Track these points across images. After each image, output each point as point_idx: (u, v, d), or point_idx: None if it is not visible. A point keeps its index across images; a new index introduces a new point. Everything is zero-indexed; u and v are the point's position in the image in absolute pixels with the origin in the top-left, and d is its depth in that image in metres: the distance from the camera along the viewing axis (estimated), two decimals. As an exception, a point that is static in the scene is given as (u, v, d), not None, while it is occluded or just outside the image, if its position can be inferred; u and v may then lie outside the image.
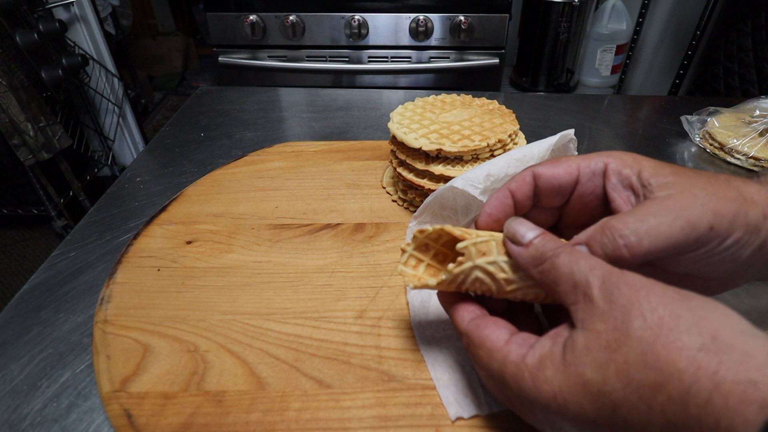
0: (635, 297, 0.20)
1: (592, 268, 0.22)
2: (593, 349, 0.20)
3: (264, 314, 0.36)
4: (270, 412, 0.29)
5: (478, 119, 0.46)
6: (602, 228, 0.24)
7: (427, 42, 1.28)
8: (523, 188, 0.29)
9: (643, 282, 0.20)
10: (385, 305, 0.36)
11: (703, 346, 0.17)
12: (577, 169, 0.28)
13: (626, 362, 0.19)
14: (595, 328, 0.20)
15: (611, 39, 1.40)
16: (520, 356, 0.22)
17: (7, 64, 1.22)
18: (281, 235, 0.44)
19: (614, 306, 0.20)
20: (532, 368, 0.21)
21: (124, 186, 0.53)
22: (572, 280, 0.22)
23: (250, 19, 1.25)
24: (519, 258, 0.25)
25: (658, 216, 0.23)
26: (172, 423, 0.29)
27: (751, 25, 0.96)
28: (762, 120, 0.57)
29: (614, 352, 0.19)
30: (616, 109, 0.71)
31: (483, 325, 0.25)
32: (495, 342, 0.24)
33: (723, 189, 0.24)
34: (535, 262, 0.24)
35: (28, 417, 0.30)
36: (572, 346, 0.21)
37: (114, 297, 0.37)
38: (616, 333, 0.19)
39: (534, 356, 0.22)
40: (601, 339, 0.20)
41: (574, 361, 0.20)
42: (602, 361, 0.19)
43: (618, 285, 0.20)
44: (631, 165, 0.26)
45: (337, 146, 0.58)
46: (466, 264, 0.25)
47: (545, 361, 0.21)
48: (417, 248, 0.30)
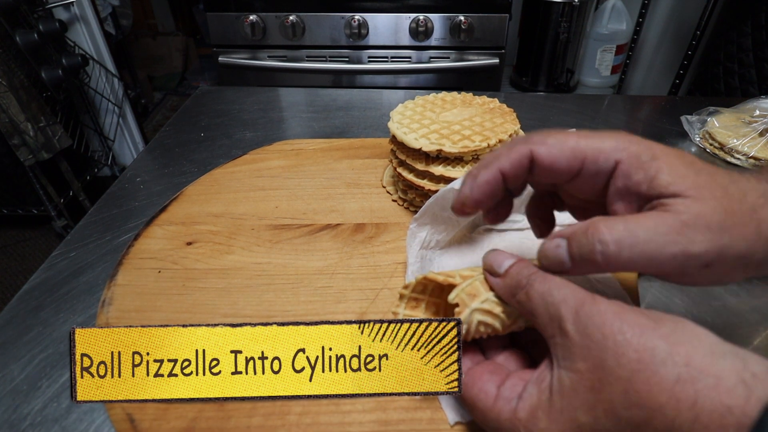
0: (607, 330, 0.20)
1: (564, 299, 0.21)
2: (580, 391, 0.20)
3: (264, 317, 0.36)
4: (271, 416, 0.29)
5: (478, 118, 0.46)
6: (587, 227, 0.22)
7: (427, 42, 1.28)
8: (517, 171, 0.25)
9: (613, 310, 0.20)
10: (385, 307, 0.36)
11: (679, 377, 0.18)
12: (582, 161, 0.24)
13: (611, 401, 0.19)
14: (577, 368, 0.20)
15: (611, 39, 1.40)
16: (511, 411, 0.22)
17: (7, 64, 1.22)
18: (281, 236, 0.44)
19: (590, 341, 0.20)
20: (525, 423, 0.21)
21: (124, 186, 0.53)
22: (548, 312, 0.22)
23: (250, 19, 1.25)
24: (498, 289, 0.25)
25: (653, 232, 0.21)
26: (174, 427, 0.29)
27: (751, 25, 0.96)
28: (762, 120, 0.57)
29: (599, 393, 0.19)
30: (616, 109, 0.71)
31: (470, 385, 0.24)
32: (485, 402, 0.23)
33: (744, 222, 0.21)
34: (511, 291, 0.24)
35: (28, 417, 0.30)
36: (559, 390, 0.21)
37: (115, 299, 0.37)
38: (597, 372, 0.19)
39: (524, 409, 0.22)
40: (585, 380, 0.20)
41: (565, 406, 0.20)
42: (590, 402, 0.20)
43: (590, 316, 0.20)
44: (645, 168, 0.22)
45: (337, 144, 0.58)
46: (464, 312, 0.24)
47: (536, 412, 0.21)
48: (407, 306, 0.28)
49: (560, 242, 0.23)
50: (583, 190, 0.25)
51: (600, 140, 0.24)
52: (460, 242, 0.41)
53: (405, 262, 0.40)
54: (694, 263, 0.21)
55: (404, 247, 0.42)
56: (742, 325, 0.36)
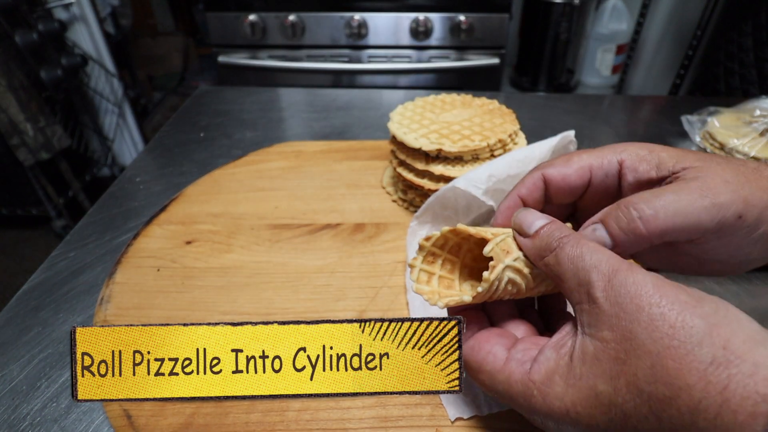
0: (644, 301, 0.19)
1: (596, 264, 0.20)
2: (603, 360, 0.19)
3: (264, 314, 0.36)
4: (270, 412, 0.29)
5: (478, 119, 0.46)
6: (618, 204, 0.23)
7: (427, 42, 1.28)
8: (534, 194, 0.27)
9: (653, 282, 0.19)
10: (385, 305, 0.36)
11: (714, 359, 0.17)
12: (589, 171, 0.26)
13: (635, 375, 0.18)
14: (603, 337, 0.19)
15: (611, 39, 1.40)
16: (525, 373, 0.22)
17: (6, 64, 1.22)
18: (281, 235, 0.44)
19: (621, 311, 0.19)
20: (540, 385, 0.21)
21: (124, 186, 0.53)
22: (576, 278, 0.21)
23: (250, 18, 1.25)
24: (526, 250, 0.24)
25: (680, 193, 0.22)
26: (171, 423, 0.29)
27: (752, 24, 0.96)
28: (762, 120, 0.57)
29: (624, 364, 0.19)
30: (616, 109, 0.71)
31: (477, 348, 0.24)
32: (494, 364, 0.23)
33: (755, 177, 0.23)
34: (540, 253, 0.23)
35: (27, 417, 0.30)
36: (581, 356, 0.20)
37: (114, 297, 0.37)
38: (625, 343, 0.19)
39: (540, 372, 0.21)
40: (610, 349, 0.19)
41: (585, 373, 0.20)
42: (612, 372, 0.19)
43: (625, 285, 0.19)
44: (648, 159, 0.25)
45: (336, 146, 0.58)
46: (498, 267, 0.24)
47: (553, 376, 0.21)
48: (425, 260, 0.28)
49: (595, 226, 0.24)
50: (599, 201, 0.27)
51: (599, 150, 0.26)
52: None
53: (405, 261, 0.40)
54: (726, 214, 0.22)
55: (404, 246, 0.42)
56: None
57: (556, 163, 0.27)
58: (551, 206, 0.29)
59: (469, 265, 0.28)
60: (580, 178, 0.26)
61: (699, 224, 0.22)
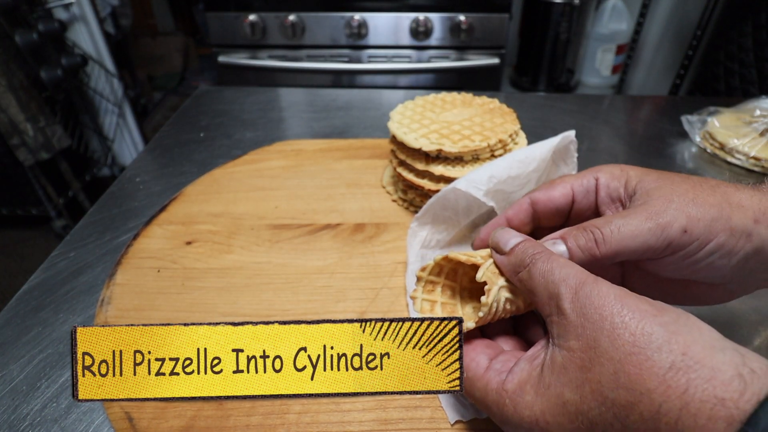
0: (607, 311, 0.20)
1: (565, 277, 0.22)
2: (570, 369, 0.20)
3: (264, 316, 0.36)
4: (270, 415, 0.29)
5: (478, 119, 0.46)
6: (578, 226, 0.26)
7: (427, 42, 1.28)
8: (520, 215, 0.30)
9: (616, 293, 0.20)
10: (385, 307, 0.36)
11: (673, 364, 0.18)
12: (571, 189, 0.29)
13: (600, 382, 0.19)
14: (570, 346, 0.20)
15: (611, 39, 1.40)
16: (500, 383, 0.22)
17: (6, 64, 1.21)
18: (281, 236, 0.43)
19: (586, 321, 0.20)
20: (512, 394, 0.22)
21: (124, 186, 0.53)
22: (547, 291, 0.22)
23: (250, 18, 1.25)
24: (502, 267, 0.25)
25: (628, 218, 0.24)
26: (173, 426, 0.29)
27: (752, 24, 0.96)
28: (762, 120, 0.57)
29: (589, 371, 0.19)
30: (616, 109, 0.71)
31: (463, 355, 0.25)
32: (475, 371, 0.24)
33: (705, 195, 0.25)
34: (515, 269, 0.24)
35: (27, 417, 0.30)
36: (551, 366, 0.21)
37: (114, 298, 0.37)
38: (590, 352, 0.19)
39: (513, 381, 0.22)
40: (576, 358, 0.20)
41: (553, 382, 0.20)
42: (579, 380, 0.20)
43: (590, 296, 0.20)
44: (618, 177, 0.28)
45: (336, 144, 0.58)
46: (493, 289, 0.25)
47: (525, 386, 0.21)
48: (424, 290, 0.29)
49: (556, 241, 0.26)
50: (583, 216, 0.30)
51: (580, 173, 0.29)
52: (461, 242, 0.41)
53: (405, 261, 0.40)
54: (670, 232, 0.24)
55: (404, 246, 0.42)
56: (742, 325, 0.36)
57: (541, 188, 0.30)
58: (542, 230, 0.31)
59: (467, 287, 0.30)
60: (563, 197, 0.29)
61: (647, 244, 0.24)
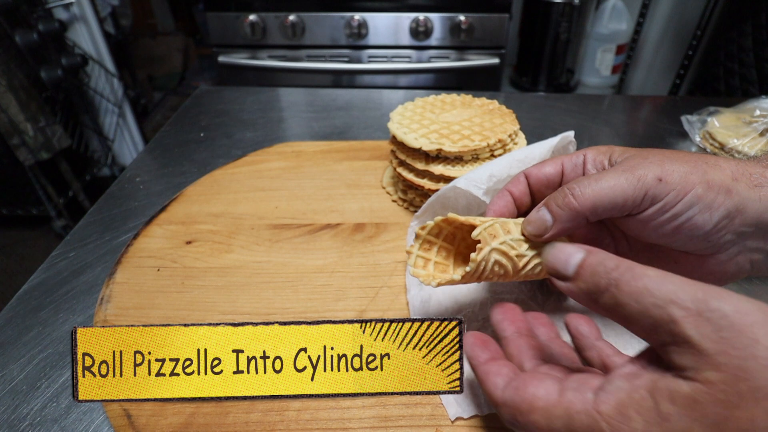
0: (759, 332, 0.16)
1: (672, 297, 0.18)
2: (705, 403, 0.17)
3: (264, 314, 0.36)
4: (270, 412, 0.29)
5: (478, 119, 0.46)
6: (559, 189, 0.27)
7: (427, 42, 1.28)
8: (519, 187, 0.31)
9: (755, 307, 0.17)
10: (385, 305, 0.36)
11: None
12: (561, 164, 0.31)
13: (752, 421, 0.16)
14: (706, 378, 0.17)
15: (611, 39, 1.40)
16: (588, 403, 0.19)
17: (6, 64, 1.21)
18: (281, 235, 0.44)
19: (728, 347, 0.17)
20: (609, 419, 0.18)
21: (124, 186, 0.53)
22: (650, 318, 0.18)
23: (250, 18, 1.25)
24: (573, 296, 0.22)
25: (605, 175, 0.25)
26: (171, 423, 0.29)
27: (752, 24, 0.96)
28: (762, 120, 0.57)
29: (736, 409, 0.16)
30: (616, 109, 0.71)
31: (523, 386, 0.21)
32: (548, 399, 0.20)
33: (681, 155, 0.26)
34: (591, 297, 0.21)
35: (27, 417, 0.30)
36: (670, 396, 0.18)
37: (114, 297, 0.37)
38: (737, 385, 0.16)
39: (608, 403, 0.19)
40: (717, 392, 0.17)
41: (675, 414, 0.17)
42: (718, 417, 0.17)
43: (722, 315, 0.17)
44: (605, 152, 0.29)
45: (337, 146, 0.58)
46: (485, 249, 0.26)
47: (627, 410, 0.18)
48: (421, 247, 0.30)
49: (539, 206, 0.27)
50: None
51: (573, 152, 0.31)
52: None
53: (405, 261, 0.40)
54: (645, 180, 0.24)
55: (404, 246, 0.42)
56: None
57: (535, 165, 0.32)
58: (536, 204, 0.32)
59: (463, 252, 0.31)
60: (553, 169, 0.31)
61: (624, 195, 0.25)
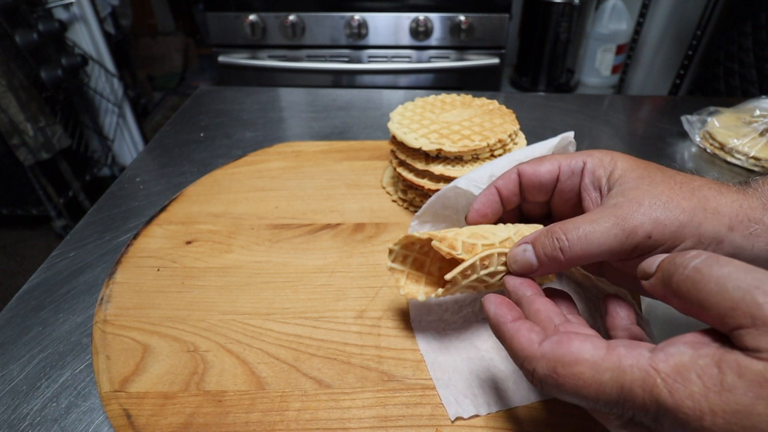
0: None
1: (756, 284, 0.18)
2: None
3: (263, 314, 0.36)
4: (270, 412, 0.29)
5: (478, 119, 0.46)
6: (547, 230, 0.26)
7: (427, 42, 1.28)
8: (509, 185, 0.31)
9: None
10: (385, 305, 0.36)
11: None
12: (558, 167, 0.29)
13: None
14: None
15: (611, 39, 1.40)
16: (643, 359, 0.19)
17: (6, 64, 1.22)
18: (281, 235, 0.44)
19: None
20: (666, 376, 0.18)
21: (124, 186, 0.53)
22: (730, 301, 0.18)
23: (250, 19, 1.25)
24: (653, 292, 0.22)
25: (595, 224, 0.25)
26: (171, 423, 0.29)
27: (752, 25, 0.96)
28: (762, 120, 0.57)
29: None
30: (616, 109, 0.71)
31: (567, 340, 0.21)
32: (595, 352, 0.20)
33: (680, 198, 0.24)
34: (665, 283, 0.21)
35: (27, 417, 0.30)
36: (738, 369, 0.18)
37: (113, 297, 0.37)
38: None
39: (667, 362, 0.19)
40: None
41: (741, 387, 0.17)
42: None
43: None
44: (606, 165, 0.28)
45: (337, 146, 0.58)
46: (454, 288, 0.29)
47: (688, 373, 0.18)
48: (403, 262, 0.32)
49: (527, 247, 0.27)
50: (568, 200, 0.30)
51: (572, 153, 0.29)
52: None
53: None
54: (635, 238, 0.24)
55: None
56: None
57: (531, 161, 0.30)
58: (527, 204, 0.32)
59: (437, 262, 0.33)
60: (549, 173, 0.29)
61: (612, 250, 0.24)
